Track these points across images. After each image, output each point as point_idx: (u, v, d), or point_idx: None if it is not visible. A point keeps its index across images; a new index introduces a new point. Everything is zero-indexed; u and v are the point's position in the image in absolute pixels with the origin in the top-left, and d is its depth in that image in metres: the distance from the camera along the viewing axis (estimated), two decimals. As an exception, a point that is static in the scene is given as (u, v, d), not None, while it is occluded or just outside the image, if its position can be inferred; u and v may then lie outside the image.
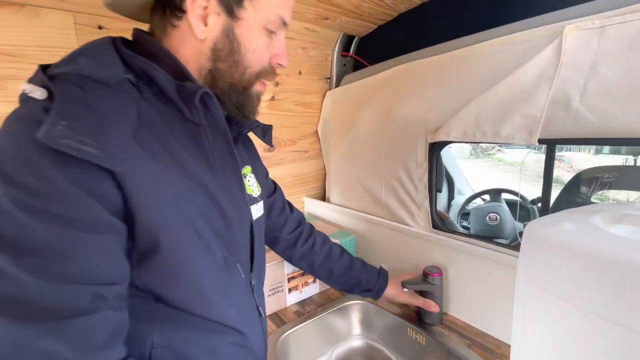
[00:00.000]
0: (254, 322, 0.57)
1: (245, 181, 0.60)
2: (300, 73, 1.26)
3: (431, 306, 0.83)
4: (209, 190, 0.47)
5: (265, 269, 0.67)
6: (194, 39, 0.46)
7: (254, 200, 0.60)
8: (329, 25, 1.18)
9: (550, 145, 0.81)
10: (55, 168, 0.34)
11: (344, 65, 1.35)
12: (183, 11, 0.44)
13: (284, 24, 0.49)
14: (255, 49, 0.48)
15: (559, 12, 0.68)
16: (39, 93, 0.35)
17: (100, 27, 0.83)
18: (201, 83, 0.48)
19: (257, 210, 0.60)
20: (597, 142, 0.60)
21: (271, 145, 0.65)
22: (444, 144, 0.89)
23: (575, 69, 0.63)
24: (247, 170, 0.62)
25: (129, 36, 0.49)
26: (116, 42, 0.44)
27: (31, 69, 0.43)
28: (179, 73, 0.45)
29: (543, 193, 0.74)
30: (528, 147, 0.92)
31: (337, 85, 1.33)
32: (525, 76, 0.68)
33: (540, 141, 0.66)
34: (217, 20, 0.45)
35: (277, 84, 1.21)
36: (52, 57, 0.75)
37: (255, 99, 0.52)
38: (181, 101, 0.44)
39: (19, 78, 0.75)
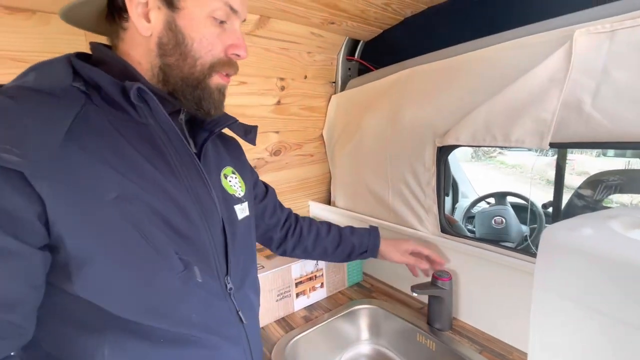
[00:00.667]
0: (232, 329, 0.53)
1: (227, 181, 0.59)
2: (305, 77, 1.26)
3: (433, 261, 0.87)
4: (166, 189, 0.45)
5: (253, 271, 0.63)
6: (141, 38, 0.46)
7: (238, 201, 0.59)
8: (335, 30, 1.18)
9: (562, 149, 0.81)
10: None
11: (349, 69, 1.36)
12: (127, 12, 0.45)
13: (233, 11, 0.47)
14: (202, 38, 0.46)
15: (567, 17, 0.69)
16: None
17: (109, 33, 0.83)
18: (154, 82, 0.48)
19: (241, 211, 0.59)
20: (611, 146, 0.60)
21: (253, 144, 0.64)
22: (452, 147, 0.89)
23: (586, 73, 0.63)
24: (227, 170, 0.61)
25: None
26: (72, 56, 0.45)
27: None
28: (127, 74, 0.46)
29: (554, 197, 0.74)
30: (530, 150, 0.92)
31: (343, 89, 1.33)
32: (535, 80, 0.68)
33: (552, 145, 0.66)
34: (158, 15, 0.45)
35: (283, 88, 1.21)
36: (61, 63, 0.77)
37: (215, 93, 0.50)
38: (125, 102, 0.44)
39: (28, 84, 0.76)
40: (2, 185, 0.35)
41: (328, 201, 1.45)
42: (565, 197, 1.31)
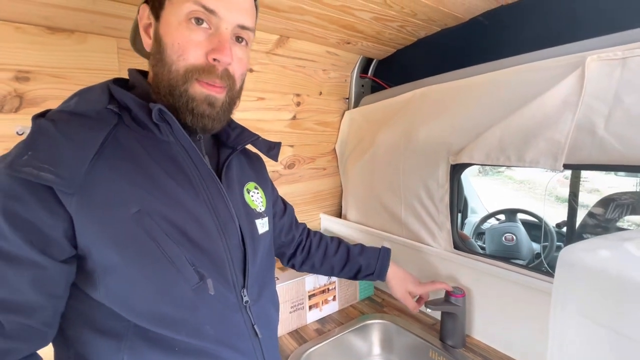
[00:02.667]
0: (245, 342, 0.52)
1: (249, 196, 0.61)
2: (320, 94, 1.30)
3: (435, 284, 0.85)
4: (185, 203, 0.47)
5: (272, 285, 0.63)
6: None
7: (259, 215, 0.61)
8: (350, 49, 1.23)
9: (576, 171, 0.82)
10: (1, 199, 0.39)
11: (362, 86, 1.40)
12: None
13: (210, 12, 0.45)
14: (174, 42, 0.46)
15: (579, 43, 0.72)
16: (24, 132, 0.42)
17: (139, 51, 0.88)
18: (161, 98, 0.49)
19: (262, 226, 0.60)
20: (624, 168, 0.62)
21: (276, 160, 0.67)
22: (466, 165, 0.91)
23: (598, 98, 0.65)
24: (250, 185, 0.63)
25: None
26: (109, 82, 0.50)
27: (73, 90, 0.49)
28: (147, 96, 0.50)
29: (568, 217, 0.75)
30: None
31: (356, 105, 1.37)
32: (549, 102, 0.71)
33: (566, 166, 0.67)
34: (153, 29, 0.49)
35: (298, 104, 1.25)
36: (92, 79, 0.82)
37: (196, 103, 0.48)
38: (150, 121, 0.47)
39: (62, 98, 0.79)
40: (35, 202, 0.40)
41: (339, 214, 1.47)
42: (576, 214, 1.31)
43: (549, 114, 0.70)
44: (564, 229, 1.41)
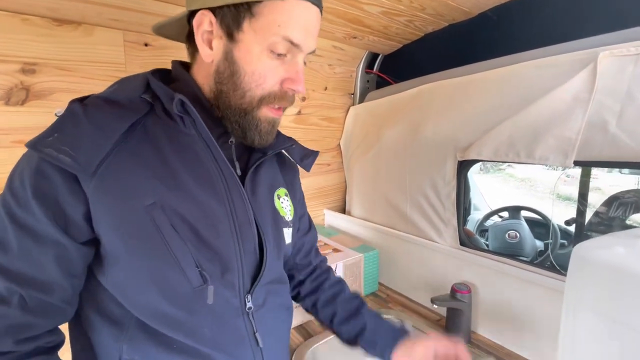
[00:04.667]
0: (244, 350, 0.50)
1: (279, 202, 0.58)
2: (326, 89, 1.30)
3: None
4: (200, 200, 0.46)
5: (282, 291, 0.59)
6: (206, 63, 0.48)
7: (287, 224, 0.58)
8: (356, 44, 1.22)
9: (586, 168, 0.82)
10: (31, 177, 0.40)
11: (368, 81, 1.39)
12: None
13: (294, 45, 0.46)
14: (255, 71, 0.46)
15: (591, 39, 0.71)
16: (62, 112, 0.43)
17: (146, 44, 0.87)
18: (211, 102, 0.50)
19: (288, 236, 0.58)
20: (637, 165, 0.61)
21: (308, 171, 0.63)
22: (473, 162, 0.91)
23: (610, 95, 0.65)
24: (281, 191, 0.60)
25: (171, 52, 0.55)
26: (149, 73, 0.50)
27: (79, 83, 0.49)
28: (192, 92, 0.49)
29: (577, 214, 0.74)
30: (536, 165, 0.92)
31: (361, 101, 1.36)
32: (560, 99, 0.70)
33: (577, 163, 0.67)
34: (219, 44, 0.46)
35: (304, 99, 1.24)
36: (97, 71, 0.81)
37: (263, 125, 0.49)
38: (177, 113, 0.46)
39: (69, 91, 0.79)
40: (61, 182, 0.40)
41: (343, 210, 1.47)
42: (568, 212, 1.30)
43: (560, 111, 0.70)
44: (569, 227, 1.42)
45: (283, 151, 0.63)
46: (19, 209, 0.40)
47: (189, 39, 0.51)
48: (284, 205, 0.60)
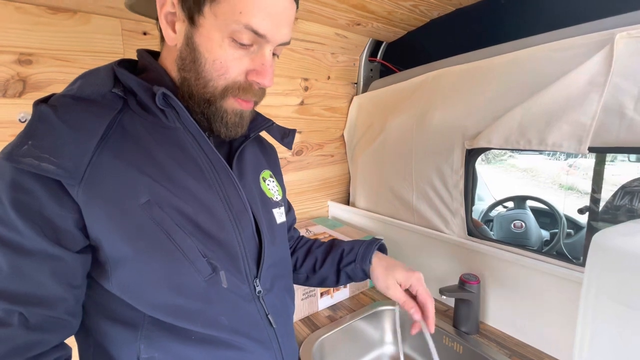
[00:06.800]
0: (260, 331, 0.52)
1: (265, 184, 0.59)
2: (329, 78, 1.27)
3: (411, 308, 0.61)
4: (196, 194, 0.45)
5: (287, 275, 0.62)
6: (172, 47, 0.46)
7: (276, 204, 0.59)
8: (359, 31, 1.18)
9: (601, 154, 0.80)
10: (8, 191, 0.37)
11: (371, 70, 1.36)
12: None
13: (259, 36, 0.42)
14: (216, 59, 0.43)
15: (606, 20, 0.68)
16: (27, 118, 0.39)
17: (144, 33, 0.84)
18: (188, 101, 0.47)
19: (280, 215, 0.59)
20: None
21: (290, 148, 0.63)
22: (482, 150, 0.89)
23: (628, 77, 0.62)
24: (266, 173, 0.61)
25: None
26: (114, 64, 0.47)
27: (77, 74, 0.46)
28: (162, 81, 0.47)
29: (591, 202, 0.73)
30: (542, 154, 0.91)
31: (364, 90, 1.33)
32: (574, 83, 0.68)
33: (591, 149, 0.65)
34: (181, 27, 0.44)
35: (306, 89, 1.22)
36: (96, 62, 0.79)
37: (230, 116, 0.48)
38: (155, 107, 0.44)
39: (67, 82, 0.77)
40: (43, 193, 0.38)
41: (347, 201, 1.46)
42: (572, 201, 1.29)
43: (574, 95, 0.67)
44: (582, 216, 1.40)
45: (261, 134, 0.61)
46: (0, 227, 0.37)
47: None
48: (271, 187, 0.60)
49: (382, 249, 0.72)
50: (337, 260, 0.68)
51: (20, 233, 0.38)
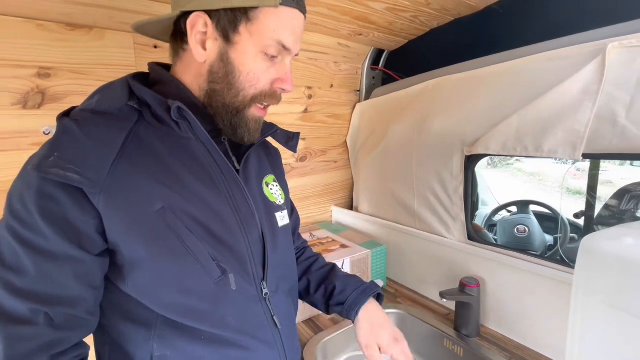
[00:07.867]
0: (266, 332, 0.54)
1: (268, 189, 0.62)
2: (332, 86, 1.30)
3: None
4: (207, 200, 0.49)
5: (292, 277, 0.64)
6: (196, 62, 0.50)
7: (279, 208, 0.61)
8: (361, 41, 1.22)
9: (595, 161, 0.82)
10: (35, 199, 0.40)
11: (373, 78, 1.39)
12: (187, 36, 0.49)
13: (285, 49, 0.49)
14: (250, 72, 0.49)
15: (599, 31, 0.70)
16: (50, 131, 0.43)
17: (155, 47, 0.89)
18: (202, 101, 0.52)
19: (282, 219, 0.61)
20: (647, 157, 0.61)
21: (294, 152, 0.67)
22: (480, 156, 0.91)
23: (620, 86, 0.64)
24: (269, 178, 0.63)
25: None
26: (129, 78, 0.51)
27: (93, 86, 0.49)
28: (179, 93, 0.51)
29: (587, 207, 0.74)
30: (549, 157, 0.92)
31: (367, 97, 1.36)
32: (568, 92, 0.70)
33: (585, 156, 0.67)
34: (214, 45, 0.48)
35: (310, 97, 1.25)
36: (110, 74, 0.84)
37: (251, 123, 0.53)
38: (169, 118, 0.48)
39: (83, 94, 0.82)
40: (67, 200, 0.41)
41: (350, 206, 1.48)
42: (579, 206, 1.29)
43: (568, 103, 0.69)
44: (577, 221, 1.40)
45: (267, 139, 0.65)
46: (28, 232, 0.40)
47: (174, 39, 0.52)
48: (274, 191, 0.63)
49: (379, 298, 0.69)
50: (328, 296, 0.68)
51: (46, 238, 0.41)
